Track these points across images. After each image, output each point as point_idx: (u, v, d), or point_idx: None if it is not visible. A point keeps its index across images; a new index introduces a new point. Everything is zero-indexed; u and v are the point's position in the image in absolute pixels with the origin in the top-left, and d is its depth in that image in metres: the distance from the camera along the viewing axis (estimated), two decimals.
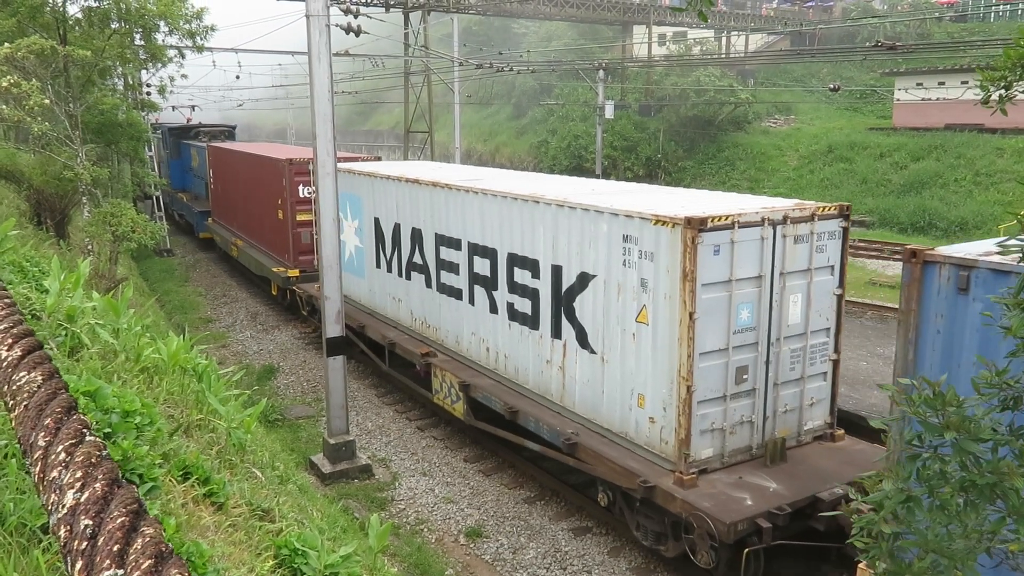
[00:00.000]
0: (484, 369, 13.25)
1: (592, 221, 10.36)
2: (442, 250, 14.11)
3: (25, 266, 6.61)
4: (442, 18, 46.21)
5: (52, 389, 1.20)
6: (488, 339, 13.08)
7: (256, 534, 3.84)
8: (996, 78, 3.15)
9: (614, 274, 10.10)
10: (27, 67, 16.20)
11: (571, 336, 11.08)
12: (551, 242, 11.19)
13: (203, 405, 5.14)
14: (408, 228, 15.23)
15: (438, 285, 14.41)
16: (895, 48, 25.32)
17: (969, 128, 36.75)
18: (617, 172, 46.32)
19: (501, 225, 12.28)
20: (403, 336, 15.68)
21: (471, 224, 13.08)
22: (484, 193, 12.67)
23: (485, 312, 13.05)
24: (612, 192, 11.92)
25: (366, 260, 17.36)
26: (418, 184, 14.62)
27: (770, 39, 59.64)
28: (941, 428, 2.93)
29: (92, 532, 0.91)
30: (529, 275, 11.81)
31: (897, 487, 3.00)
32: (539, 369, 11.90)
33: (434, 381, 14.00)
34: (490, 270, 12.76)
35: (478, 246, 13.01)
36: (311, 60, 12.31)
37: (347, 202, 17.41)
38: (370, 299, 17.44)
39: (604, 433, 10.63)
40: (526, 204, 11.69)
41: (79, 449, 1.04)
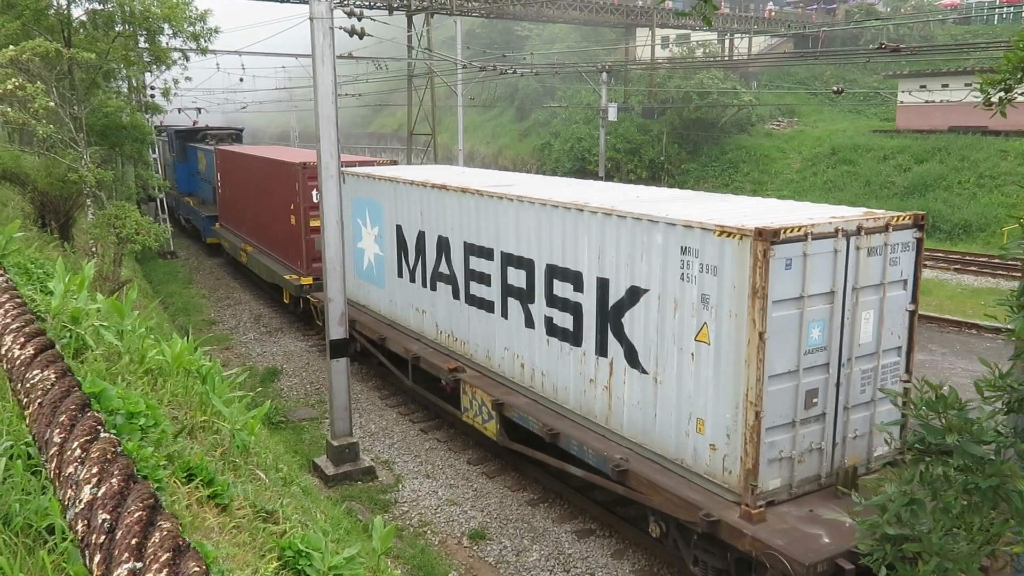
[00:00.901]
0: (518, 387, 12.38)
1: (645, 231, 9.59)
2: (472, 260, 13.34)
3: (30, 268, 6.63)
4: (445, 21, 46.31)
5: (65, 387, 1.22)
6: (523, 355, 12.25)
7: (260, 536, 3.85)
8: (996, 81, 3.15)
9: (670, 289, 9.33)
10: (32, 70, 16.26)
11: (619, 354, 10.27)
12: (597, 253, 10.42)
13: (207, 407, 5.15)
14: (434, 236, 14.42)
15: (467, 297, 13.61)
16: (898, 50, 25.30)
17: (973, 130, 36.72)
18: (620, 174, 46.34)
19: (540, 234, 11.50)
20: (427, 349, 14.80)
21: (505, 233, 12.30)
22: (521, 200, 11.87)
23: (520, 326, 12.23)
24: (659, 199, 11.14)
25: (387, 269, 16.50)
26: (446, 190, 13.83)
27: (773, 42, 59.64)
28: (943, 431, 2.93)
29: (110, 526, 0.93)
30: (571, 288, 11.02)
31: (900, 490, 3.00)
32: (581, 388, 11.06)
33: (463, 398, 13.17)
34: (526, 282, 11.98)
35: (513, 256, 12.22)
36: (315, 63, 12.34)
37: (366, 208, 16.93)
38: (391, 310, 16.53)
39: (657, 459, 9.81)
40: (568, 212, 10.89)
41: (94, 445, 1.05)
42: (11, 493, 2.72)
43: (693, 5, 3.93)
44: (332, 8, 12.60)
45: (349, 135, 74.67)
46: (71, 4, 19.12)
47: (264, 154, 25.02)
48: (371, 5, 38.47)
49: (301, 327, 21.91)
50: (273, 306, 24.33)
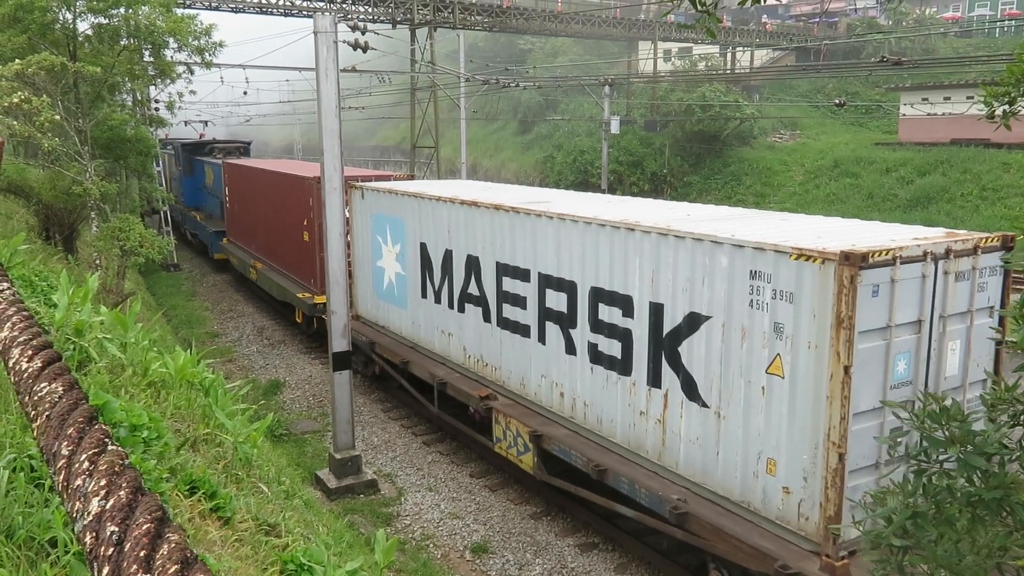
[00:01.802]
0: (557, 417, 11.60)
1: (707, 254, 8.85)
2: (505, 281, 12.59)
3: (34, 280, 6.66)
4: (448, 35, 46.58)
5: (73, 399, 1.22)
6: (563, 383, 11.45)
7: (262, 549, 3.84)
8: (1000, 93, 3.16)
9: (737, 316, 8.59)
10: (37, 83, 16.36)
11: (675, 385, 9.50)
12: (650, 276, 9.69)
13: (210, 419, 5.15)
14: (462, 255, 13.66)
15: (499, 320, 12.83)
16: (900, 63, 25.38)
17: (975, 143, 36.76)
18: (623, 187, 46.43)
19: (584, 255, 10.73)
20: (454, 375, 13.98)
21: (543, 253, 11.55)
22: (562, 218, 11.11)
23: (559, 353, 11.45)
24: (714, 218, 10.41)
25: (409, 289, 15.64)
26: (477, 207, 13.06)
27: (775, 55, 59.85)
28: (946, 443, 2.92)
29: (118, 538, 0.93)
30: (619, 313, 10.27)
31: (903, 502, 2.99)
32: (630, 421, 10.28)
33: (495, 428, 12.40)
34: (567, 305, 11.20)
35: (552, 278, 11.45)
36: (319, 76, 12.41)
37: (387, 225, 16.16)
38: (413, 332, 15.67)
39: (718, 501, 9.01)
40: (618, 232, 10.13)
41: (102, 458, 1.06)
42: (14, 506, 2.72)
43: (697, 19, 3.95)
44: (336, 22, 12.68)
45: (352, 148, 74.94)
46: (77, 18, 19.25)
47: (275, 168, 24.36)
48: (375, 19, 38.72)
49: (304, 340, 21.90)
50: (276, 319, 24.34)
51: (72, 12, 18.94)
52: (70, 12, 18.96)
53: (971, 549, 2.89)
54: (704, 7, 3.76)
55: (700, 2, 3.78)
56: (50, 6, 18.27)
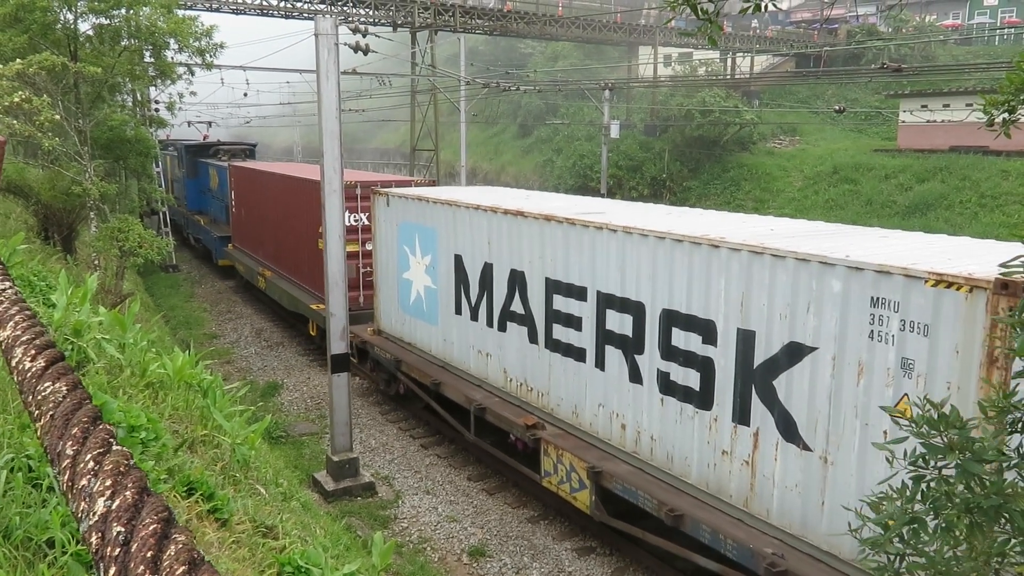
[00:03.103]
0: (617, 451, 10.59)
1: (815, 276, 7.84)
2: (556, 299, 11.53)
3: (33, 280, 6.66)
4: (449, 38, 46.63)
5: (77, 399, 1.22)
6: (625, 414, 10.42)
7: (260, 551, 3.83)
8: (1000, 102, 3.17)
9: (852, 349, 7.55)
10: (38, 83, 16.36)
11: (768, 424, 8.47)
12: (739, 300, 8.67)
13: (208, 421, 5.15)
14: (504, 269, 12.62)
15: (548, 341, 11.78)
16: (900, 70, 25.44)
17: (974, 150, 36.83)
18: (622, 192, 46.46)
19: (655, 274, 9.73)
20: (492, 399, 12.96)
21: (604, 270, 10.54)
22: (628, 232, 10.10)
23: (621, 380, 10.42)
24: (805, 233, 9.46)
25: (440, 304, 14.56)
26: (523, 217, 12.02)
27: (775, 60, 59.96)
28: (944, 450, 2.93)
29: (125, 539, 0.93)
30: (698, 339, 9.27)
31: (902, 508, 2.99)
32: (709, 460, 9.23)
33: (544, 461, 11.36)
34: (633, 329, 10.17)
35: (614, 298, 10.42)
36: (319, 78, 12.42)
37: (415, 234, 15.16)
38: (444, 350, 14.61)
39: (822, 558, 7.96)
40: (698, 248, 9.13)
41: (107, 458, 1.06)
42: (11, 506, 2.72)
43: (698, 26, 3.95)
44: (337, 25, 12.70)
45: (352, 150, 74.98)
46: (78, 19, 19.25)
47: (287, 172, 23.24)
48: (375, 22, 38.77)
49: (303, 342, 21.89)
50: (274, 321, 24.32)
51: (73, 12, 18.95)
52: (71, 12, 18.97)
53: (969, 556, 2.89)
54: (706, 15, 3.77)
55: (702, 9, 3.79)
56: (51, 6, 18.27)
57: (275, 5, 38.97)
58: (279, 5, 38.96)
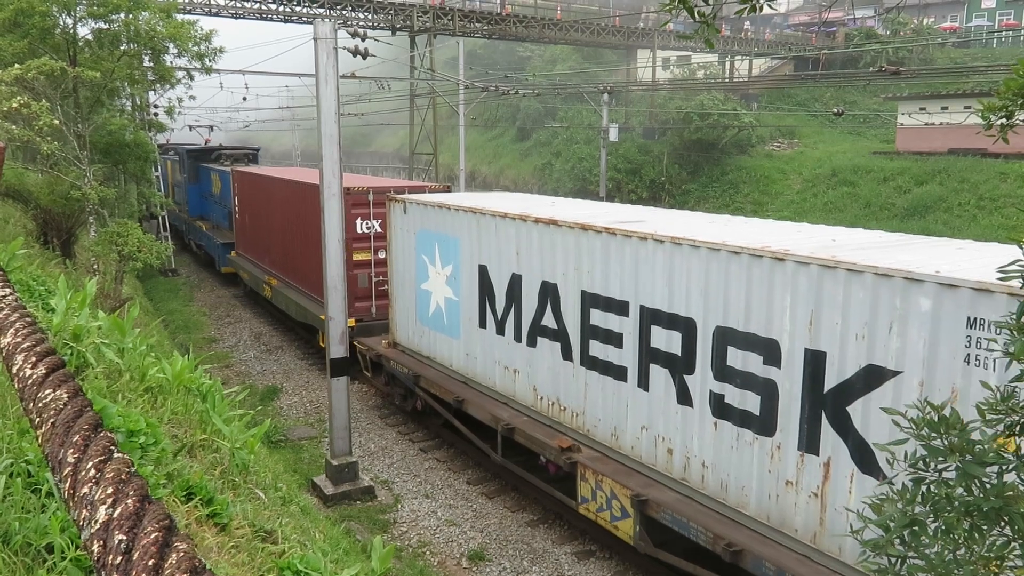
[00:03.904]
0: (663, 477, 9.89)
1: (898, 293, 7.18)
2: (593, 314, 10.84)
3: (32, 285, 6.65)
4: (447, 41, 46.70)
5: (78, 407, 1.22)
6: (672, 438, 9.73)
7: (259, 556, 3.83)
8: (997, 107, 3.18)
9: (942, 374, 6.90)
10: (37, 88, 16.38)
11: (841, 453, 7.80)
12: (806, 318, 8.01)
13: (207, 425, 5.15)
14: (535, 281, 11.92)
15: (583, 358, 11.09)
16: (898, 73, 25.49)
17: (972, 153, 36.89)
18: (621, 195, 46.51)
19: (707, 288, 9.04)
20: (521, 418, 12.27)
21: (649, 283, 9.84)
22: (678, 243, 9.39)
23: (668, 402, 9.72)
24: (874, 245, 8.76)
25: (463, 317, 13.86)
26: (556, 226, 11.34)
27: (773, 63, 60.06)
28: (945, 452, 2.93)
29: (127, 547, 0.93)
30: (758, 360, 8.60)
31: (902, 511, 2.99)
32: (771, 491, 8.53)
33: (581, 486, 10.67)
34: (682, 347, 9.48)
35: (660, 313, 9.72)
36: (318, 82, 12.43)
37: (435, 243, 14.47)
38: (467, 365, 13.91)
39: None
40: (758, 262, 8.42)
41: (108, 465, 1.06)
42: (11, 511, 2.72)
43: (696, 28, 3.96)
44: (336, 29, 12.71)
45: (351, 154, 75.02)
46: (77, 23, 19.28)
47: (294, 177, 22.48)
48: (374, 26, 38.84)
49: (302, 346, 21.88)
50: (274, 324, 24.32)
51: (72, 17, 18.97)
52: (70, 17, 18.99)
53: (969, 558, 2.89)
54: (703, 17, 3.78)
55: (699, 12, 3.80)
56: (50, 11, 18.30)
57: (274, 9, 39.03)
58: (278, 9, 39.03)
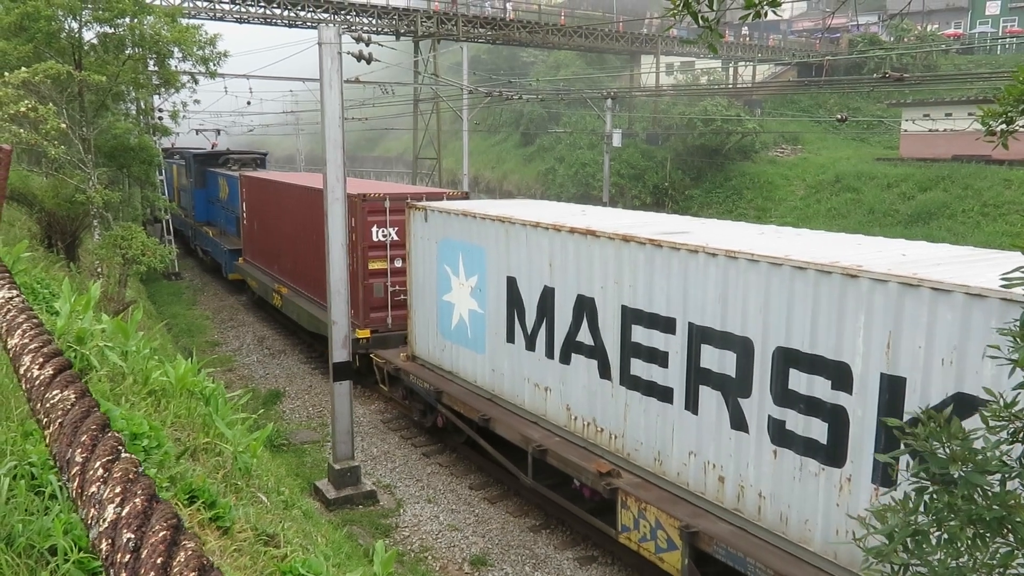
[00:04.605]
0: (713, 507, 9.22)
1: (994, 315, 6.56)
2: (635, 330, 10.22)
3: (36, 288, 6.68)
4: (451, 47, 46.83)
5: (85, 407, 1.24)
6: (724, 465, 9.08)
7: (261, 559, 3.83)
8: (997, 113, 3.18)
9: None
10: (43, 91, 16.45)
11: None
12: (884, 340, 7.40)
13: (210, 428, 5.15)
14: (570, 295, 11.28)
15: (624, 377, 10.44)
16: (902, 79, 25.48)
17: (976, 159, 36.87)
18: (624, 200, 46.54)
19: (767, 306, 8.41)
20: (553, 439, 11.59)
21: (698, 299, 9.25)
22: (733, 257, 8.75)
23: (720, 426, 9.11)
24: (951, 259, 8.13)
25: (489, 331, 13.20)
26: (594, 237, 10.70)
27: (777, 69, 60.10)
28: (947, 461, 2.93)
29: (135, 545, 0.95)
30: (826, 384, 7.99)
31: (904, 520, 2.99)
32: (839, 526, 7.87)
33: (623, 514, 10.01)
34: (737, 368, 8.87)
35: (712, 331, 9.11)
36: (322, 87, 12.46)
37: (459, 253, 13.81)
38: (493, 381, 13.23)
39: None
40: (827, 278, 7.77)
41: (116, 465, 1.07)
42: (14, 513, 2.72)
43: (699, 34, 3.98)
44: (340, 34, 12.75)
45: (355, 158, 75.19)
46: (83, 27, 19.37)
47: (305, 182, 21.70)
48: (379, 31, 38.96)
49: (304, 349, 21.89)
50: (277, 329, 24.34)
51: (78, 21, 19.07)
52: (76, 21, 19.09)
53: (972, 567, 2.89)
54: (706, 23, 3.79)
55: (702, 17, 3.81)
56: (56, 15, 18.39)
57: (279, 14, 39.17)
58: (283, 14, 39.16)
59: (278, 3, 38.72)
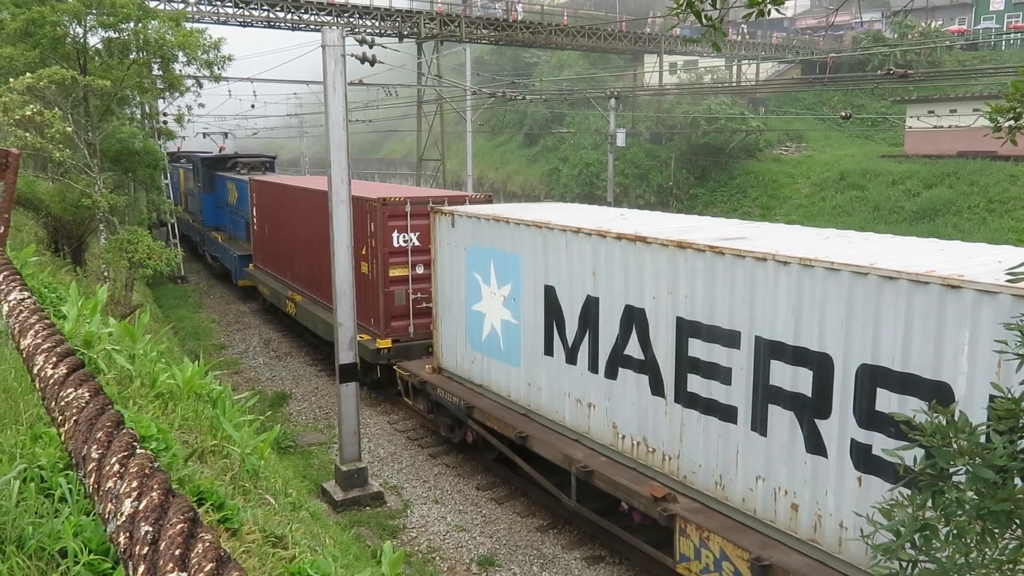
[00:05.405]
0: (785, 536, 8.54)
1: None
2: (693, 344, 9.54)
3: (44, 292, 6.71)
4: (455, 48, 46.85)
5: (100, 405, 1.25)
6: (799, 492, 8.39)
7: (269, 561, 3.84)
8: (1005, 109, 3.18)
9: None
10: (48, 96, 16.52)
11: None
12: (992, 358, 6.69)
13: (217, 431, 5.17)
14: (616, 305, 10.61)
15: (679, 394, 9.78)
16: (906, 76, 25.44)
17: (982, 155, 36.76)
18: (629, 200, 46.51)
19: (850, 319, 7.80)
20: (598, 459, 10.92)
21: (768, 311, 8.59)
22: (809, 265, 8.07)
23: (794, 449, 8.43)
24: None
25: (524, 342, 12.56)
26: (645, 243, 10.02)
27: (781, 67, 60.00)
28: (954, 455, 2.93)
29: (153, 538, 0.96)
30: (921, 407, 6.57)
31: (912, 515, 2.99)
32: None
33: (681, 542, 9.32)
34: (814, 387, 8.18)
35: (784, 346, 8.46)
36: (326, 89, 12.49)
37: (490, 261, 13.17)
38: (529, 396, 12.56)
39: None
40: (923, 289, 7.09)
41: (132, 460, 1.08)
42: (24, 516, 2.74)
43: (702, 32, 3.98)
44: (344, 36, 12.78)
45: (359, 160, 75.29)
46: (88, 32, 19.45)
47: (318, 186, 20.80)
48: (382, 33, 39.01)
49: (311, 351, 21.92)
50: (283, 330, 24.39)
51: (83, 26, 19.14)
52: (81, 26, 19.16)
53: (980, 562, 2.88)
54: (709, 21, 3.79)
55: (705, 16, 3.81)
56: (61, 21, 18.47)
57: (282, 18, 39.26)
58: (286, 17, 39.26)
59: (281, 7, 38.83)
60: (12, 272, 2.70)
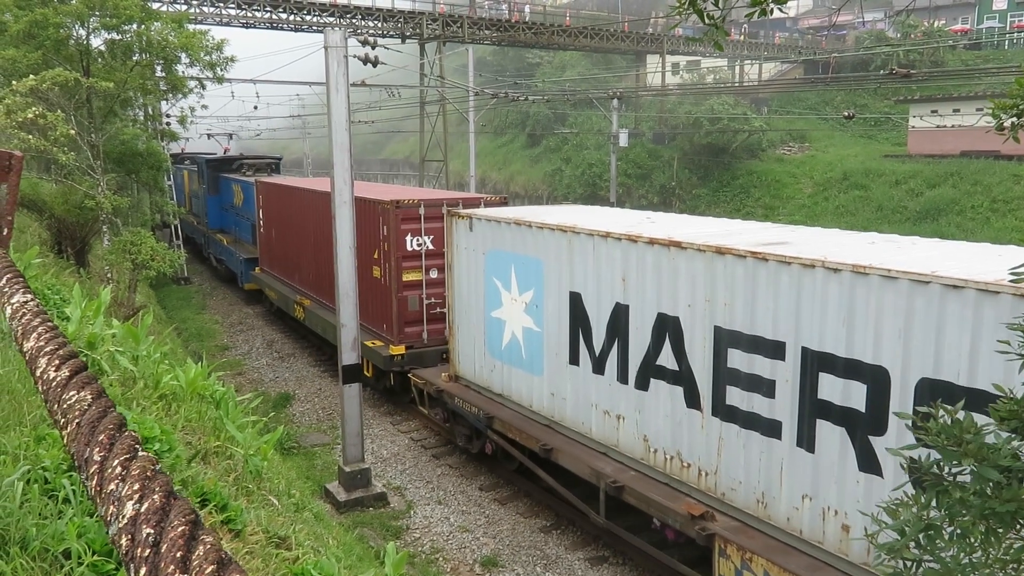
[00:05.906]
0: (835, 559, 8.10)
1: None
2: (732, 355, 9.09)
3: (47, 294, 6.72)
4: (457, 49, 46.88)
5: (102, 407, 1.26)
6: (849, 512, 7.95)
7: (273, 562, 3.85)
8: (1008, 106, 3.17)
9: None
10: (51, 98, 16.55)
11: None
12: None
13: (220, 432, 5.18)
14: (648, 313, 10.18)
15: (717, 407, 9.33)
16: (909, 76, 25.40)
17: (985, 155, 36.70)
18: (631, 200, 46.50)
19: (908, 331, 7.33)
20: (628, 473, 10.46)
21: (816, 321, 8.13)
22: (862, 273, 7.64)
23: (845, 467, 7.97)
24: None
25: (547, 351, 12.12)
26: (679, 249, 9.60)
27: (783, 67, 59.95)
28: (959, 455, 2.92)
29: (155, 540, 0.96)
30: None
31: (917, 515, 2.98)
32: None
33: (721, 564, 8.82)
34: (867, 402, 7.76)
35: (835, 359, 7.99)
36: (329, 91, 12.50)
37: (511, 266, 12.73)
38: (552, 407, 12.11)
39: None
40: (991, 299, 6.72)
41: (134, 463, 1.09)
42: (28, 517, 2.74)
43: (704, 32, 3.98)
44: (346, 37, 12.79)
45: (361, 161, 75.34)
46: (91, 34, 19.48)
47: (327, 187, 20.76)
48: (384, 34, 39.05)
49: (314, 352, 21.94)
50: (286, 331, 24.41)
51: (86, 28, 19.17)
52: (84, 28, 19.19)
53: (985, 562, 2.88)
54: (712, 20, 3.79)
55: (708, 15, 3.81)
56: (64, 22, 18.51)
57: (285, 19, 39.31)
58: (289, 19, 39.31)
59: (284, 8, 38.87)
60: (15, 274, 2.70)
